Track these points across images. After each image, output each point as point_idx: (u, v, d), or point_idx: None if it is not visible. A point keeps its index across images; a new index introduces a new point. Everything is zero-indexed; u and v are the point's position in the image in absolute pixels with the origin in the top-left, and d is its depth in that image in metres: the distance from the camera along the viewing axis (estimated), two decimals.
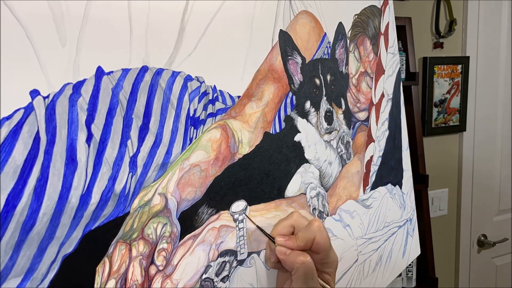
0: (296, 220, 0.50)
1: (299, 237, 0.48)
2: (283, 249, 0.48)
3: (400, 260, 0.79)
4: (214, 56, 0.48)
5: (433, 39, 1.90)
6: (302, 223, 0.50)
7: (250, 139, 0.52)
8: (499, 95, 2.08)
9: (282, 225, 0.50)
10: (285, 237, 0.49)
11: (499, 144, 2.13)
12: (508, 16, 2.02)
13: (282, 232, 0.50)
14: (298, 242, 0.48)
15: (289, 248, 0.48)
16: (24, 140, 0.34)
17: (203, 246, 0.47)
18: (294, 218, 0.50)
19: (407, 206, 0.81)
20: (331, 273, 0.50)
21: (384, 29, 0.75)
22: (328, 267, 0.50)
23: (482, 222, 2.16)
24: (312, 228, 0.48)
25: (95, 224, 0.39)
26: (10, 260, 0.34)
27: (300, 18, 0.57)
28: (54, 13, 0.36)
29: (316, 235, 0.48)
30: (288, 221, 0.50)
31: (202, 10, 0.46)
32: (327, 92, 0.61)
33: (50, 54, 0.35)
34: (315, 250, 0.49)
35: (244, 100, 0.51)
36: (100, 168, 0.39)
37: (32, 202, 0.34)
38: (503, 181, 2.17)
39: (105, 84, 0.39)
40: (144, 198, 0.42)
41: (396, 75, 0.79)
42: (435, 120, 1.92)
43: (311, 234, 0.48)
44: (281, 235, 0.49)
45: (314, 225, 0.48)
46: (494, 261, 2.24)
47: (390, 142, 0.76)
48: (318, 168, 0.61)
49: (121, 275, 0.40)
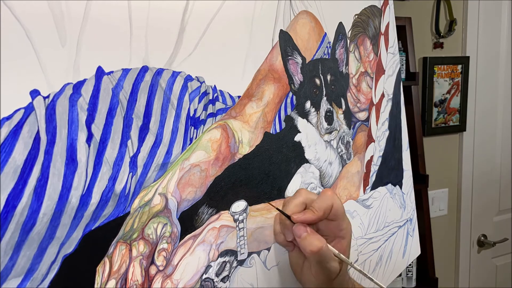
0: (305, 196, 0.50)
1: (315, 208, 0.48)
2: (300, 230, 0.47)
3: (400, 260, 0.79)
4: (214, 56, 0.47)
5: (433, 39, 1.90)
6: (312, 198, 0.49)
7: (250, 139, 0.52)
8: (499, 95, 2.08)
9: (293, 203, 0.49)
10: (301, 213, 0.48)
11: (499, 144, 2.13)
12: (508, 16, 2.02)
13: (295, 211, 0.49)
14: (316, 213, 0.48)
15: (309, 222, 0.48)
16: (24, 140, 0.34)
17: (203, 246, 0.47)
18: (304, 195, 0.50)
19: (407, 206, 0.81)
20: (347, 240, 0.50)
21: (384, 29, 0.75)
22: (343, 234, 0.50)
23: (482, 222, 2.16)
24: (326, 196, 0.48)
25: (95, 224, 0.39)
26: (10, 261, 0.34)
27: (300, 18, 0.57)
28: (54, 12, 0.35)
29: (334, 202, 0.48)
30: (298, 199, 0.49)
31: (202, 10, 0.46)
32: (327, 92, 0.61)
33: (50, 54, 0.35)
34: (333, 217, 0.49)
35: (244, 100, 0.51)
36: (100, 168, 0.39)
37: (32, 202, 0.34)
38: (503, 181, 2.17)
39: (105, 84, 0.39)
40: (144, 198, 0.42)
41: (396, 75, 0.79)
42: (435, 120, 1.92)
43: (329, 202, 0.48)
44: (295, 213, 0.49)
45: (328, 193, 0.48)
46: (494, 261, 2.24)
47: (390, 142, 0.76)
48: (318, 168, 0.61)
49: (121, 275, 0.40)
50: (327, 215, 0.49)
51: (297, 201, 0.49)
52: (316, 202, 0.49)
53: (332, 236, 0.51)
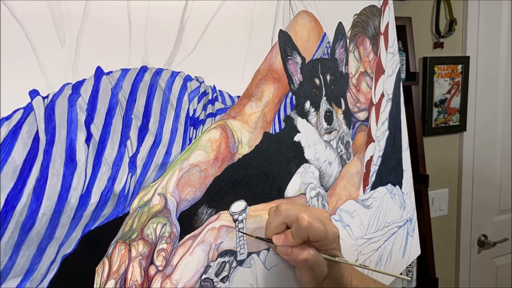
0: (285, 215, 0.50)
1: (294, 235, 0.49)
2: (283, 249, 0.50)
3: (400, 260, 0.79)
4: (214, 56, 0.47)
5: (433, 39, 1.90)
6: (292, 215, 0.49)
7: (250, 139, 0.52)
8: (500, 95, 2.08)
9: (274, 225, 0.50)
10: (282, 237, 0.50)
11: (499, 144, 2.12)
12: (508, 16, 2.02)
13: (276, 231, 0.51)
14: (295, 240, 0.49)
15: (289, 246, 0.50)
16: (23, 140, 0.34)
17: (203, 246, 0.47)
18: (283, 215, 0.50)
19: (407, 206, 0.81)
20: (335, 247, 0.51)
21: (384, 29, 0.75)
22: (330, 245, 0.50)
23: (482, 222, 2.16)
24: (301, 226, 0.48)
25: (95, 224, 0.39)
26: (10, 260, 0.34)
27: (299, 18, 0.57)
28: (53, 13, 0.35)
29: (309, 232, 0.48)
30: (278, 219, 0.50)
31: (202, 10, 0.46)
32: (327, 92, 0.61)
33: (50, 54, 0.35)
34: (313, 241, 0.50)
35: (243, 100, 0.51)
36: (100, 168, 0.39)
37: (32, 202, 0.34)
38: (503, 181, 2.17)
39: (104, 84, 0.39)
40: (143, 198, 0.42)
41: (396, 75, 0.79)
42: (435, 120, 1.92)
43: (304, 233, 0.49)
44: (276, 234, 0.51)
45: (303, 224, 0.48)
46: (495, 261, 2.23)
47: (390, 142, 0.76)
48: (318, 168, 0.61)
49: (121, 275, 0.40)
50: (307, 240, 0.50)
51: (276, 222, 0.50)
52: (294, 230, 0.49)
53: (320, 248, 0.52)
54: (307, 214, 0.48)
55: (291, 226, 0.50)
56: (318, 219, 0.49)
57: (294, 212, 0.49)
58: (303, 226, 0.48)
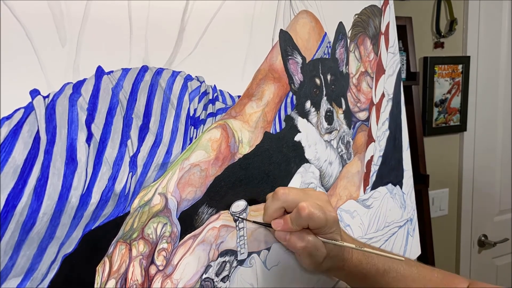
0: (283, 201, 0.49)
1: (293, 222, 0.49)
2: (282, 235, 0.50)
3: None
4: (214, 56, 0.47)
5: (434, 38, 1.90)
6: (289, 200, 0.49)
7: (250, 139, 0.52)
8: (500, 95, 2.08)
9: (272, 210, 0.50)
10: (280, 222, 0.50)
11: (500, 144, 2.12)
12: (508, 16, 2.02)
13: (274, 216, 0.50)
14: (294, 227, 0.49)
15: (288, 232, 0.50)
16: (24, 139, 0.34)
17: (203, 246, 0.47)
18: (281, 199, 0.49)
19: (408, 206, 0.81)
20: (334, 231, 0.51)
21: (384, 29, 0.75)
22: (329, 229, 0.50)
23: (482, 222, 2.16)
24: (302, 216, 0.48)
25: (95, 224, 0.39)
26: (10, 260, 0.34)
27: (300, 17, 0.57)
28: (54, 12, 0.36)
29: (309, 221, 0.48)
30: (276, 204, 0.50)
31: (202, 10, 0.46)
32: (327, 92, 0.61)
33: (50, 54, 0.35)
34: (312, 229, 0.49)
35: (244, 99, 0.51)
36: (100, 168, 0.39)
37: (32, 202, 0.34)
38: (504, 181, 2.16)
39: (105, 84, 0.39)
40: (144, 198, 0.42)
41: (396, 75, 0.79)
42: (435, 120, 1.92)
43: (304, 222, 0.48)
44: (275, 219, 0.50)
45: (303, 213, 0.48)
46: (495, 261, 2.23)
47: (391, 142, 0.76)
48: (318, 168, 0.61)
49: (121, 275, 0.40)
50: (306, 227, 0.50)
51: (275, 207, 0.50)
52: (294, 217, 0.49)
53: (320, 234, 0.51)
54: (306, 202, 0.48)
55: (289, 211, 0.49)
56: (318, 207, 0.48)
57: (292, 197, 0.49)
58: (303, 215, 0.48)
